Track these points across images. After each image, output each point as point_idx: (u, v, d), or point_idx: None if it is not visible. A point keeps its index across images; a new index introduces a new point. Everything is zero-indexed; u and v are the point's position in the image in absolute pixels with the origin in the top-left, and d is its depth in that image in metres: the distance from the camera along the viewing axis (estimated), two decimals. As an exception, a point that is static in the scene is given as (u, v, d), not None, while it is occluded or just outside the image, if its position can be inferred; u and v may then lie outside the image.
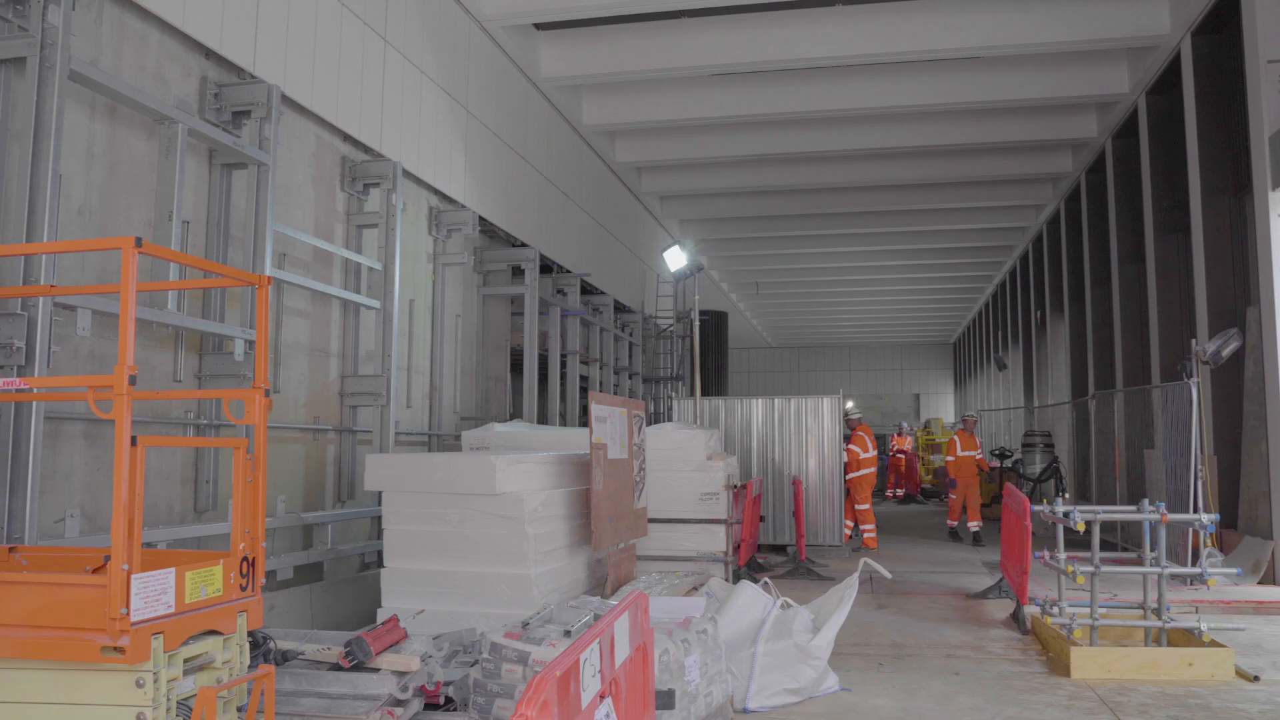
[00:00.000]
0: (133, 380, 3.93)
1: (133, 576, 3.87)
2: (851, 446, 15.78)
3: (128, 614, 3.84)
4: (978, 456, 17.59)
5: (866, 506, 15.78)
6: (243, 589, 4.53)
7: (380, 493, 7.85)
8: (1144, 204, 16.46)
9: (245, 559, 4.56)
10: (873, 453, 16.13)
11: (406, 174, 11.30)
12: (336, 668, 5.42)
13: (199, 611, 4.24)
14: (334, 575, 9.37)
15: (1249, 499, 12.38)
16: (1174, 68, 14.73)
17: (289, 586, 8.54)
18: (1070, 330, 22.71)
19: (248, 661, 4.60)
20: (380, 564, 7.61)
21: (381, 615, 7.21)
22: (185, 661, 4.16)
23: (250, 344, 7.96)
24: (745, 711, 6.46)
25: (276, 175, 8.51)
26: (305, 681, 5.38)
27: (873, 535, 15.73)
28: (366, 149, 10.78)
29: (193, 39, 8.01)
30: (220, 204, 8.37)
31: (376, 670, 5.39)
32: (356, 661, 5.36)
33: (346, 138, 10.49)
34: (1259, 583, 11.33)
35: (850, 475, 15.63)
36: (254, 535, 4.61)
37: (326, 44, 9.88)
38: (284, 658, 5.43)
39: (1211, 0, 13.08)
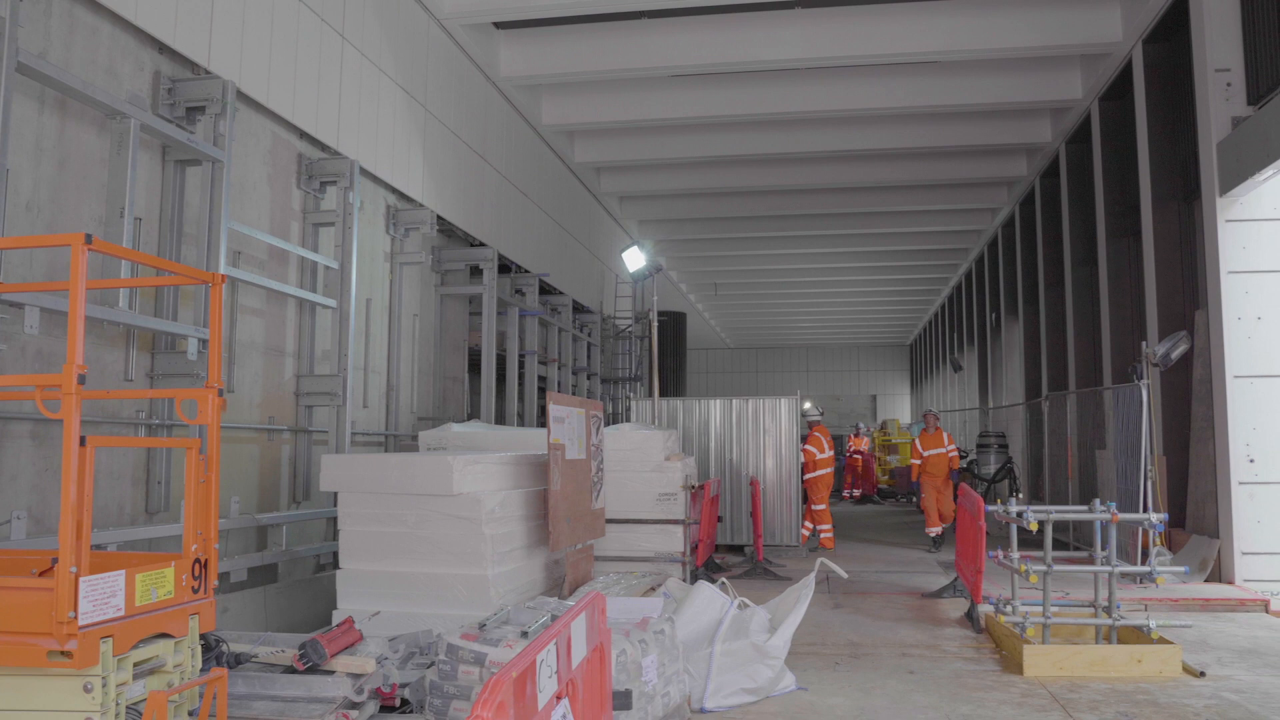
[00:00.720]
0: (82, 379, 3.87)
1: (81, 579, 3.81)
2: (808, 447, 15.86)
3: (75, 617, 3.78)
4: (949, 453, 16.39)
5: (823, 507, 15.86)
6: (195, 591, 4.48)
7: (336, 493, 7.79)
8: (1096, 208, 16.69)
9: (198, 561, 4.50)
10: (830, 453, 16.21)
11: (364, 172, 11.22)
12: (291, 670, 5.37)
13: (150, 614, 4.18)
14: (289, 577, 9.28)
15: (1196, 499, 12.60)
16: (1126, 75, 14.95)
17: (243, 588, 8.45)
18: (1024, 332, 22.98)
19: (200, 665, 4.55)
20: (336, 565, 7.55)
21: (337, 617, 7.16)
22: (135, 665, 4.10)
23: (204, 343, 7.86)
24: (702, 711, 6.47)
25: (231, 172, 8.41)
26: (259, 684, 5.32)
27: (830, 535, 15.82)
28: (323, 146, 10.69)
29: (146, 33, 7.90)
30: (174, 201, 8.26)
31: (331, 673, 5.34)
32: (311, 664, 5.31)
33: (303, 135, 10.39)
34: (1206, 580, 11.52)
35: (807, 476, 15.71)
36: (207, 537, 4.56)
37: (283, 40, 9.79)
38: (237, 661, 5.37)
39: (1162, 9, 13.29)
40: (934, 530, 15.95)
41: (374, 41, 11.76)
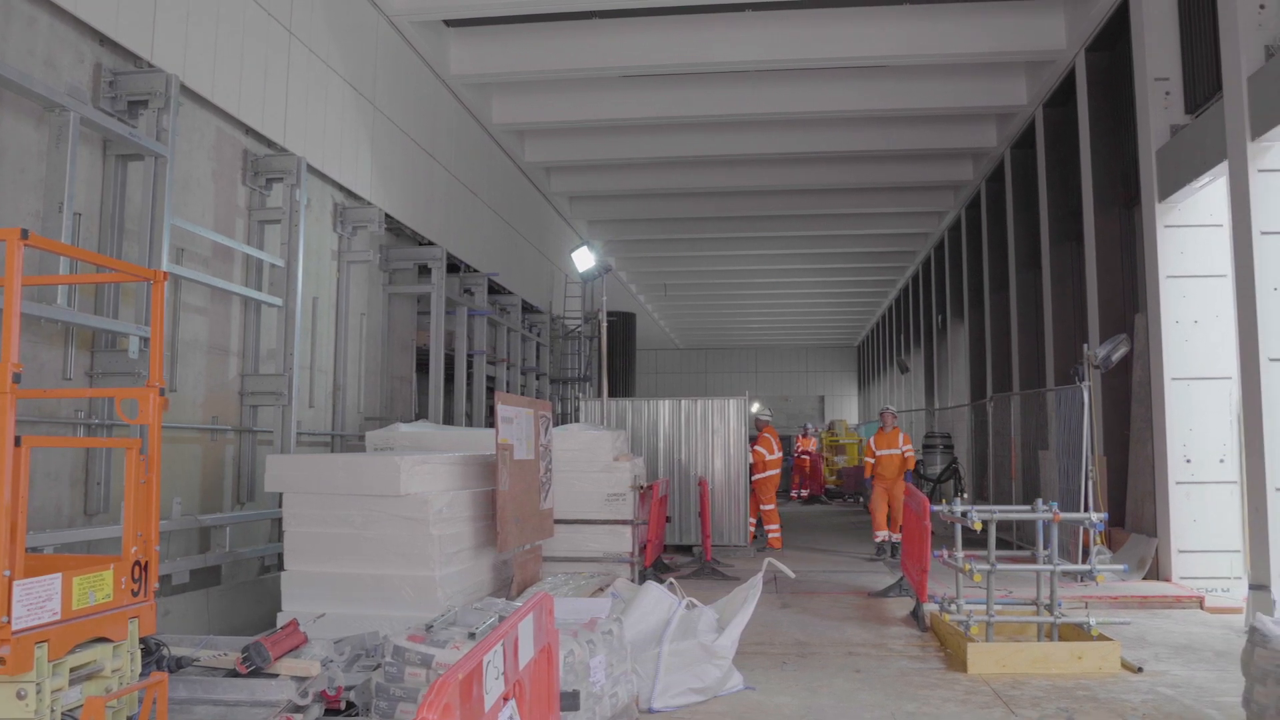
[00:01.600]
0: (17, 378, 3.79)
1: (14, 583, 3.73)
2: (757, 448, 15.94)
3: (9, 622, 3.69)
4: (905, 453, 15.10)
5: (771, 507, 15.96)
6: (135, 594, 4.40)
7: (281, 494, 7.69)
8: (1040, 213, 16.95)
9: (137, 563, 4.42)
10: (778, 454, 16.32)
11: (311, 169, 11.09)
12: (233, 674, 5.29)
13: (87, 618, 4.10)
14: (232, 579, 9.15)
15: (1136, 498, 12.84)
16: (1069, 82, 15.21)
17: (185, 591, 8.32)
18: (970, 334, 23.25)
19: (139, 669, 4.47)
20: (281, 567, 7.45)
21: (281, 619, 7.06)
22: (72, 670, 4.02)
23: (145, 341, 7.72)
24: (650, 711, 6.48)
25: (175, 168, 8.27)
26: (200, 689, 5.24)
27: (777, 535, 15.92)
28: (270, 143, 10.55)
29: (86, 24, 7.74)
30: (115, 196, 8.10)
31: (275, 676, 5.28)
32: (254, 667, 5.24)
33: (249, 131, 10.25)
34: (1144, 578, 11.76)
35: (756, 476, 15.80)
36: (147, 538, 4.48)
37: (229, 34, 9.64)
38: (178, 665, 5.28)
39: (1104, 19, 13.54)
40: (880, 535, 14.99)
41: (322, 37, 11.64)
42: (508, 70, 15.75)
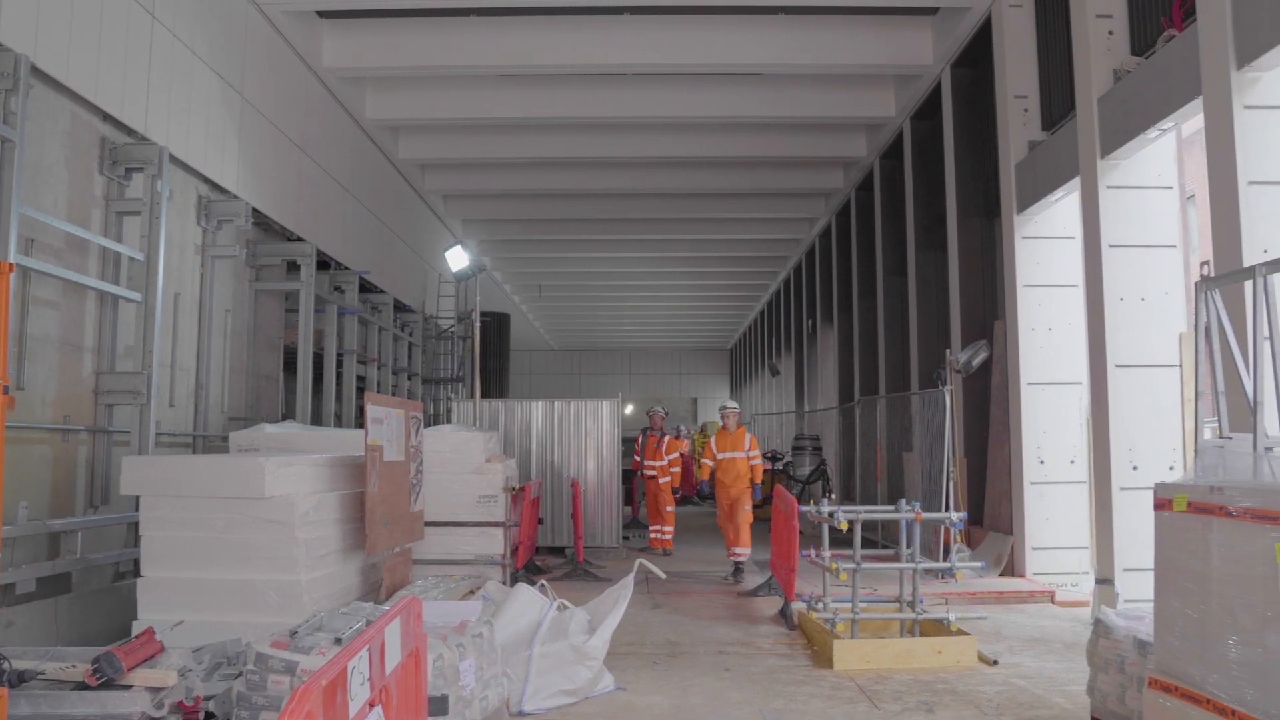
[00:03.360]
0: None
1: None
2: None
3: None
4: (750, 459, 13.16)
5: (672, 509, 16.22)
6: (-25, 603, 4.17)
7: (138, 497, 7.39)
8: (907, 221, 17.47)
9: (-21, 570, 4.20)
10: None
11: (174, 160, 10.67)
12: (83, 687, 5.06)
13: (-78, 629, 3.87)
14: (84, 587, 8.74)
15: (993, 498, 13.36)
16: (935, 96, 15.73)
17: (31, 600, 7.91)
18: (839, 338, 23.80)
19: (-22, 683, 4.24)
20: (137, 573, 7.16)
21: (137, 628, 6.79)
22: (-97, 685, 3.79)
23: (-10, 336, 7.32)
24: (521, 714, 6.46)
25: (25, 154, 7.86)
26: (45, 704, 4.99)
27: (666, 537, 16.05)
28: (129, 131, 10.12)
29: (-72, 1, 7.32)
30: (-42, 183, 7.67)
31: (129, 687, 5.06)
32: (106, 679, 5.02)
33: (107, 117, 9.81)
34: (1000, 575, 12.25)
35: (664, 480, 16.11)
36: (-11, 544, 4.26)
37: (85, 14, 9.21)
38: (20, 679, 5.02)
39: (968, 37, 14.05)
40: (738, 553, 12.89)
41: (187, 22, 11.23)
42: (383, 65, 15.46)
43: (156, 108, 10.51)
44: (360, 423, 10.48)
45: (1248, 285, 5.13)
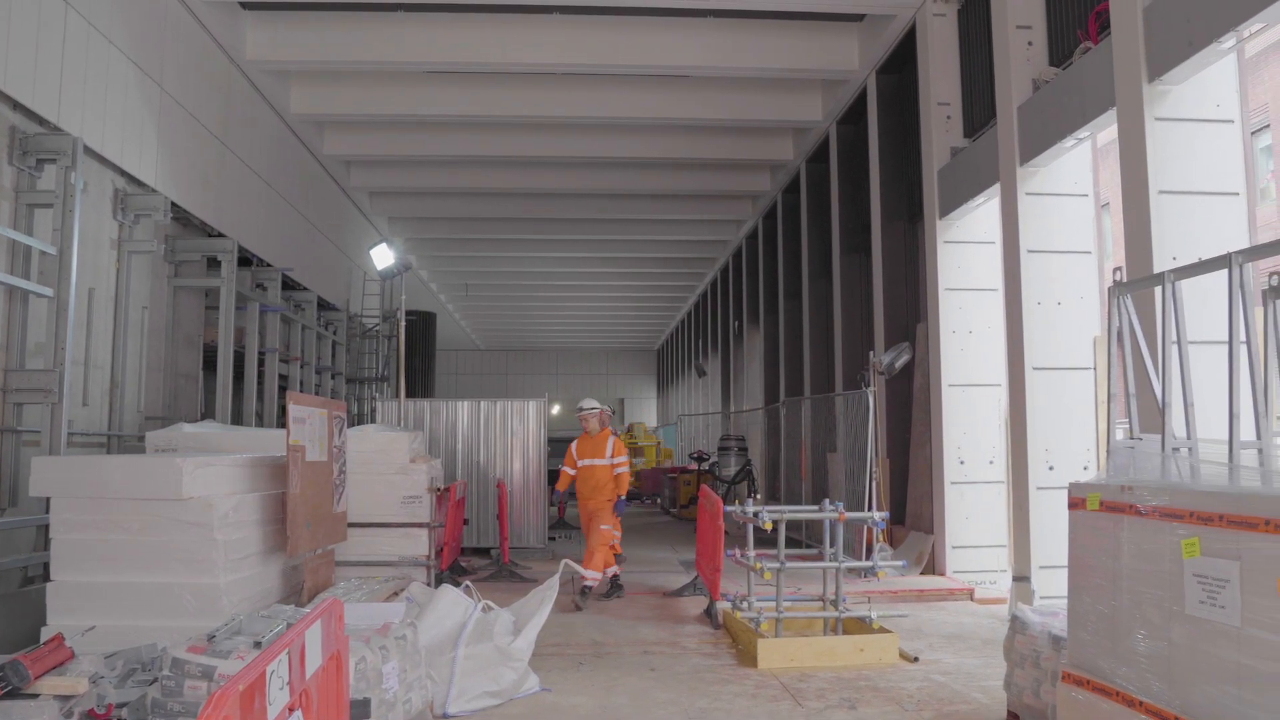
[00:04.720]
0: None
1: None
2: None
3: None
4: (613, 466, 11.45)
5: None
6: (-127, 609, 4.01)
7: (49, 499, 7.17)
8: (832, 225, 17.68)
9: (-123, 575, 4.04)
10: None
11: (89, 151, 10.39)
12: (-13, 694, 4.90)
13: None
14: (-10, 590, 8.48)
15: (915, 498, 13.59)
16: (861, 101, 15.95)
17: (-67, 604, 7.65)
18: (765, 340, 24.01)
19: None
20: (47, 578, 6.95)
21: (46, 634, 6.59)
22: None
23: (-109, 332, 7.07)
24: (446, 716, 6.41)
25: (-71, 144, 7.61)
26: (-53, 712, 4.83)
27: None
28: (41, 120, 9.82)
29: None
30: None
31: (35, 696, 4.91)
32: (11, 688, 4.86)
33: (17, 106, 9.51)
34: (921, 573, 12.46)
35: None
36: (-111, 548, 4.10)
37: (-5, 2, 8.94)
38: (-80, 687, 4.85)
39: (893, 44, 14.28)
40: (588, 576, 10.68)
41: (103, 9, 10.93)
42: (307, 59, 15.23)
43: (70, 97, 10.22)
44: (282, 423, 10.30)
45: (1158, 291, 5.29)
